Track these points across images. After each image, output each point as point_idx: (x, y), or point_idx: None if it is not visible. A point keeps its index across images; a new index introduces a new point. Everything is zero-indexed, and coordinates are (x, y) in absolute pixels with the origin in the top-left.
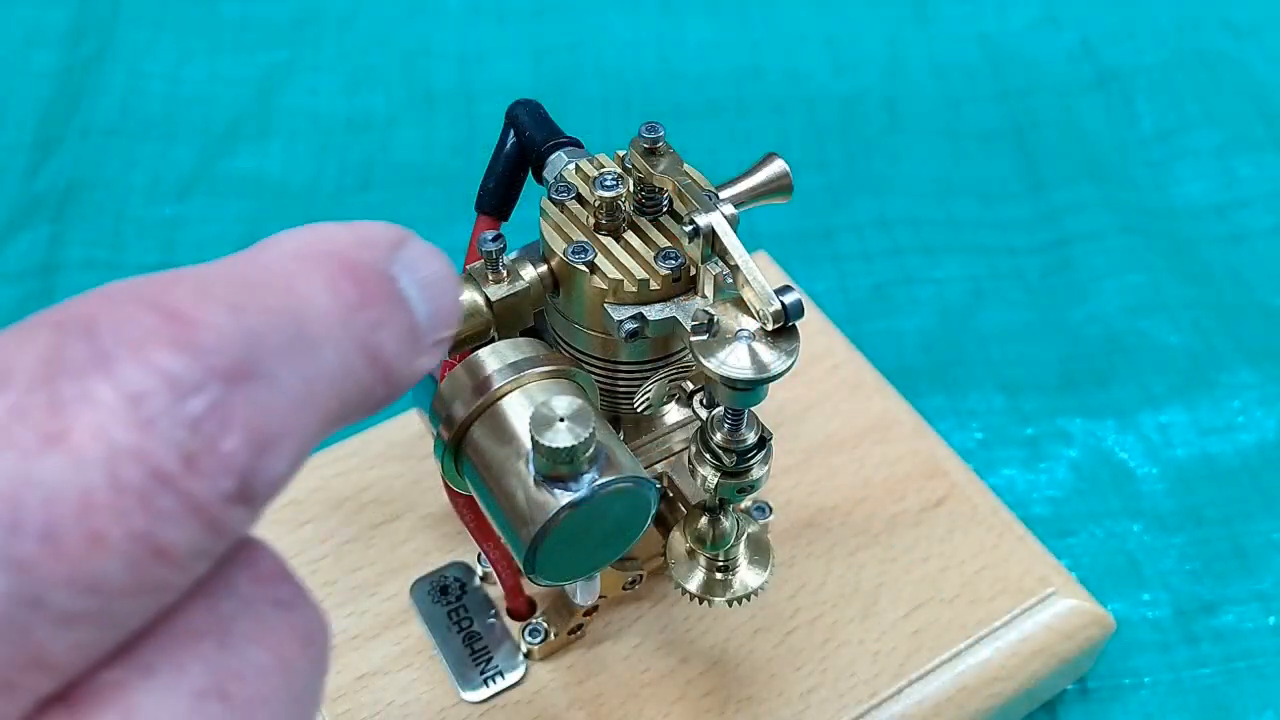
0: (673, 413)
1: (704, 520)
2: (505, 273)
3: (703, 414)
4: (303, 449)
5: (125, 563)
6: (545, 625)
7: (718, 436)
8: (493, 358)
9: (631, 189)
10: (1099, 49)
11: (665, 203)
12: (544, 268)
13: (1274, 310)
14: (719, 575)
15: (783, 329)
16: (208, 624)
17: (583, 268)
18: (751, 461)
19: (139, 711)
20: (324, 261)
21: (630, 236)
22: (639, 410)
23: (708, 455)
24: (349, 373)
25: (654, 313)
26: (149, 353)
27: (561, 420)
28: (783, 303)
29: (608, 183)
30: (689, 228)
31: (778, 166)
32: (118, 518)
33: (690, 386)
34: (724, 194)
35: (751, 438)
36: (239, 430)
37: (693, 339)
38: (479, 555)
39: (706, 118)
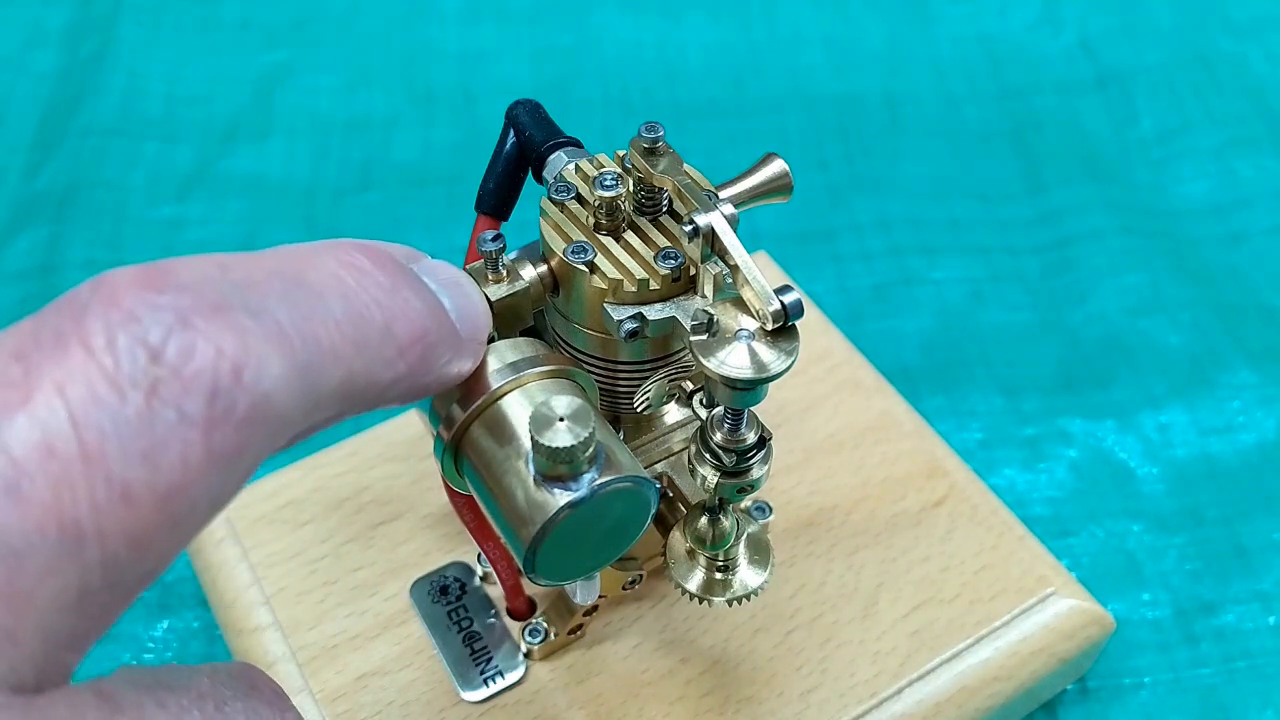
0: (673, 413)
1: (704, 520)
2: (505, 273)
3: (703, 414)
4: (300, 372)
5: (90, 508)
6: (545, 625)
7: (718, 436)
8: (492, 357)
9: (631, 189)
10: (1099, 49)
11: (665, 203)
12: (544, 268)
13: (1274, 310)
14: (719, 575)
15: (782, 329)
16: (210, 693)
17: (582, 268)
18: (751, 461)
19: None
20: (336, 246)
21: (630, 236)
22: (639, 410)
23: (708, 455)
24: (363, 321)
25: (654, 313)
26: (118, 302)
27: (561, 420)
28: (783, 302)
29: (607, 183)
30: (689, 227)
31: (777, 166)
32: (81, 464)
33: (690, 386)
34: (724, 194)
35: (751, 437)
36: (207, 353)
37: (693, 339)
38: (479, 555)
39: (706, 118)
